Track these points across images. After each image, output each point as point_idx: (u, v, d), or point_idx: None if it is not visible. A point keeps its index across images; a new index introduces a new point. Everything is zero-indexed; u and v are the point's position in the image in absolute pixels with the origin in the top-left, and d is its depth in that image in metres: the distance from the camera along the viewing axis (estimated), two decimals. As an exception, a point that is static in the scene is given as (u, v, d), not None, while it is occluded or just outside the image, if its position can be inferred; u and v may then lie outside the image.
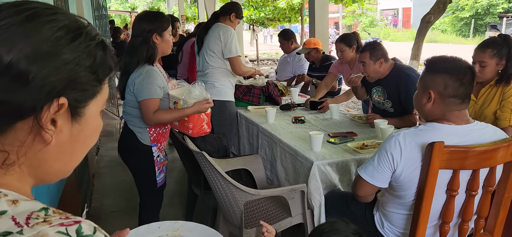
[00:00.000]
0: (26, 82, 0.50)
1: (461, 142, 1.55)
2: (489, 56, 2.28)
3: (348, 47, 3.64)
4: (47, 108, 0.52)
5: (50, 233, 0.47)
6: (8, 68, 0.49)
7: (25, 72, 0.50)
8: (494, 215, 1.75)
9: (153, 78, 2.19)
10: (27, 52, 0.50)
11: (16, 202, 0.51)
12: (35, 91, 0.51)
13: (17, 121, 0.52)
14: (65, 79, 0.53)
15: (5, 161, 0.54)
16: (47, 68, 0.51)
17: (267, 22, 16.02)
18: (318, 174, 2.18)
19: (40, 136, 0.54)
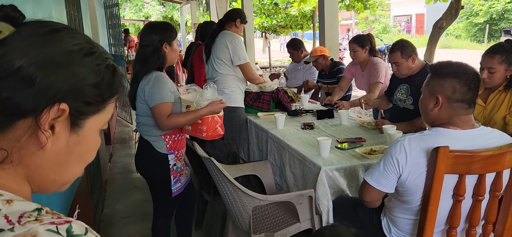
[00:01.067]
0: (32, 84, 0.53)
1: (466, 146, 1.56)
2: (498, 62, 2.27)
3: (360, 47, 3.67)
4: (48, 111, 0.55)
5: (40, 230, 0.49)
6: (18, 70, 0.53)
7: (32, 75, 0.53)
8: (502, 221, 1.73)
9: (163, 82, 2.21)
10: (39, 59, 0.54)
11: (11, 201, 0.52)
12: (38, 93, 0.54)
13: (18, 119, 0.55)
14: (69, 87, 0.56)
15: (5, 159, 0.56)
16: (54, 75, 0.55)
17: (279, 29, 16.07)
18: (326, 179, 2.19)
19: (36, 137, 0.56)
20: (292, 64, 5.00)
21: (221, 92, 3.37)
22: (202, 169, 2.51)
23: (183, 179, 2.43)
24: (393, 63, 2.93)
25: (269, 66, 16.46)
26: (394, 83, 3.17)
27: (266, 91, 3.71)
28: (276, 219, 2.33)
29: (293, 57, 4.83)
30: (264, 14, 15.41)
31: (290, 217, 2.33)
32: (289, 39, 5.19)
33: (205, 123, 2.31)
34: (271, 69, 16.26)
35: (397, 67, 2.91)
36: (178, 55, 2.38)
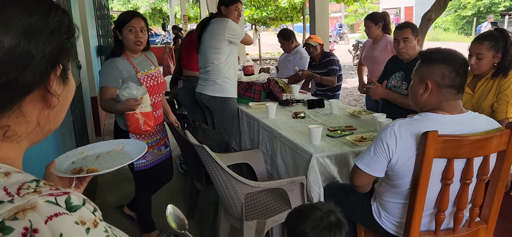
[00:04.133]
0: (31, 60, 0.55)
1: (455, 131, 1.59)
2: (486, 49, 2.32)
3: (374, 23, 3.87)
4: (54, 75, 0.59)
5: (39, 201, 0.49)
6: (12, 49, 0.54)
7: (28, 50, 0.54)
8: (489, 204, 1.78)
9: (109, 69, 2.45)
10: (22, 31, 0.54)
11: (9, 174, 0.53)
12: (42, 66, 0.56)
13: (26, 96, 0.57)
14: (57, 47, 0.59)
15: (5, 133, 0.57)
16: (43, 42, 0.56)
17: (269, 21, 16.06)
18: (317, 166, 2.22)
19: (44, 103, 0.59)
20: (283, 55, 5.01)
21: (213, 82, 3.38)
22: (194, 159, 2.52)
23: (150, 157, 2.63)
24: (402, 39, 2.95)
25: (259, 58, 16.45)
26: (389, 70, 3.18)
27: (258, 82, 3.73)
28: (268, 206, 2.36)
29: (283, 47, 4.84)
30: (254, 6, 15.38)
31: (281, 204, 2.35)
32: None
33: (128, 118, 2.46)
34: (261, 61, 16.26)
35: (405, 43, 2.94)
36: (132, 41, 2.48)
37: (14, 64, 0.53)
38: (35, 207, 0.49)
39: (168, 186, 3.89)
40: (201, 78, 3.54)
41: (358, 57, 13.37)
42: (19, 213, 0.48)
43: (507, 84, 2.32)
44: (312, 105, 3.38)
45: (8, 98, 0.56)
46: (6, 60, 0.53)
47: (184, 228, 1.22)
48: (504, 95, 2.32)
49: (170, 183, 3.99)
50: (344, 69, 11.60)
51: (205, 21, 3.54)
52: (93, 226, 0.52)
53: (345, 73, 11.66)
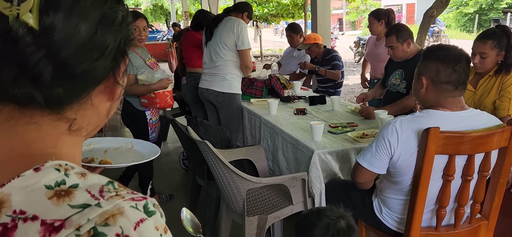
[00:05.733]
0: (105, 49, 0.52)
1: (456, 128, 1.60)
2: (490, 47, 2.31)
3: (377, 20, 3.83)
4: (124, 64, 0.58)
5: (126, 207, 0.48)
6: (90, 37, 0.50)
7: (103, 41, 0.52)
8: (490, 200, 1.79)
9: None
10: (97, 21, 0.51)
11: (85, 175, 0.51)
12: (112, 56, 0.54)
13: (96, 86, 0.54)
14: (124, 37, 0.56)
15: (71, 126, 0.54)
16: (115, 32, 0.54)
17: (271, 18, 16.03)
18: (318, 162, 2.22)
19: (113, 94, 0.57)
20: (288, 49, 4.98)
21: (222, 78, 3.38)
22: (196, 155, 2.53)
23: (157, 131, 3.15)
24: (388, 47, 2.97)
25: (260, 55, 16.44)
26: (388, 69, 3.21)
27: (259, 78, 3.73)
28: (270, 202, 2.37)
29: (291, 40, 4.82)
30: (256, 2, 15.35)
31: (283, 200, 2.36)
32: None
33: (158, 96, 2.93)
34: (263, 58, 16.25)
35: (392, 50, 2.96)
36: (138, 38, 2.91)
37: (90, 53, 0.51)
38: (123, 212, 0.47)
39: (170, 182, 3.92)
40: (206, 74, 3.50)
41: (359, 54, 13.40)
42: (109, 218, 0.46)
43: (509, 81, 2.31)
44: (313, 101, 3.39)
45: (79, 88, 0.52)
46: (83, 48, 0.50)
47: (198, 231, 1.24)
48: (507, 92, 2.31)
49: (172, 179, 4.02)
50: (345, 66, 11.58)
51: (218, 16, 3.52)
52: (164, 232, 0.51)
53: (346, 70, 11.65)
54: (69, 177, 0.49)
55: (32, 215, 0.45)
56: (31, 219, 0.45)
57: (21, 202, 0.46)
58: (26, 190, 0.47)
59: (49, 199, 0.46)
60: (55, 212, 0.45)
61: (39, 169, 0.49)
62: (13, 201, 0.46)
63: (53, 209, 0.46)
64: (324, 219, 1.37)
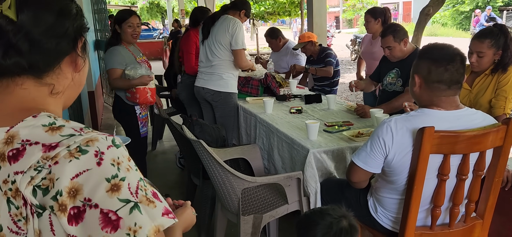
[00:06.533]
0: (65, 32, 0.76)
1: (451, 127, 1.59)
2: (487, 47, 2.30)
3: (373, 18, 3.82)
4: (80, 41, 0.80)
5: (99, 137, 0.70)
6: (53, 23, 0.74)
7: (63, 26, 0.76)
8: (485, 199, 1.79)
9: (115, 54, 3.01)
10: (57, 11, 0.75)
11: (68, 121, 0.73)
12: (71, 37, 0.78)
13: (64, 57, 0.78)
14: (79, 24, 0.80)
15: (52, 91, 0.77)
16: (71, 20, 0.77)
17: (267, 16, 16.02)
18: (314, 161, 2.22)
19: (73, 65, 0.80)
20: (273, 54, 4.98)
21: (219, 77, 3.37)
22: (191, 154, 2.52)
23: (144, 128, 3.26)
24: (385, 48, 2.96)
25: (257, 53, 16.43)
26: (383, 68, 3.20)
27: (255, 77, 3.72)
28: (265, 201, 2.36)
29: (271, 46, 4.82)
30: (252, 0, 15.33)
31: (278, 199, 2.35)
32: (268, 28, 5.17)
33: (138, 92, 3.05)
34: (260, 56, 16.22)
35: (390, 51, 2.94)
36: (130, 35, 3.05)
37: (54, 32, 0.74)
38: (97, 139, 0.69)
39: (166, 180, 3.91)
40: (203, 72, 3.48)
41: (356, 52, 13.41)
42: (89, 142, 0.68)
43: (505, 80, 2.31)
44: (309, 100, 3.38)
45: (51, 58, 0.76)
46: (49, 30, 0.73)
47: None
48: (503, 90, 2.31)
49: (167, 178, 4.01)
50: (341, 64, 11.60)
51: (215, 14, 3.51)
52: (127, 160, 0.72)
53: (342, 68, 11.66)
54: (57, 121, 0.72)
55: (35, 141, 0.68)
56: (35, 143, 0.68)
57: (26, 135, 0.69)
58: (29, 128, 0.70)
59: (46, 132, 0.69)
60: (51, 139, 0.68)
61: (36, 116, 0.72)
62: (20, 134, 0.69)
63: (49, 137, 0.68)
64: (327, 218, 1.37)
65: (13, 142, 0.68)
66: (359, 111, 2.88)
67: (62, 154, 0.66)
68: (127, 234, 0.66)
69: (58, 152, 0.66)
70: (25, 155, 0.67)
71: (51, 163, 0.66)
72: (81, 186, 0.65)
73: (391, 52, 2.95)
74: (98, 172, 0.67)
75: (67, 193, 0.65)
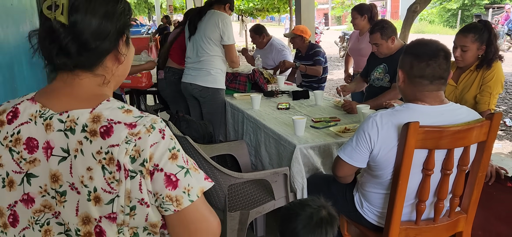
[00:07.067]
0: (108, 34, 0.89)
1: (435, 122, 1.60)
2: (471, 41, 2.32)
3: (359, 15, 3.83)
4: (122, 41, 0.94)
5: (156, 118, 0.89)
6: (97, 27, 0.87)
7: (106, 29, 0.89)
8: (469, 194, 1.80)
9: None
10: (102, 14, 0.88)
11: (127, 104, 0.92)
12: (113, 37, 0.91)
13: (106, 55, 0.92)
14: (122, 24, 0.92)
15: (104, 81, 0.93)
16: (115, 22, 0.90)
17: (256, 12, 15.99)
18: (300, 157, 2.21)
19: (117, 59, 0.94)
20: (257, 50, 4.97)
21: (207, 73, 3.35)
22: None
23: None
24: (373, 44, 2.98)
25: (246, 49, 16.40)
26: (371, 64, 3.22)
27: (243, 73, 3.70)
28: (252, 197, 2.35)
29: (255, 42, 4.82)
30: (241, -4, 15.30)
31: (265, 195, 2.35)
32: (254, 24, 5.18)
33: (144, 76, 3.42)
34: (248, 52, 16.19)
35: (377, 47, 2.97)
36: None
37: (98, 36, 0.87)
38: (157, 120, 0.89)
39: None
40: (190, 68, 3.46)
41: (344, 49, 13.46)
42: (154, 121, 0.88)
43: (490, 76, 2.33)
44: (297, 96, 3.38)
45: (96, 57, 0.90)
46: (94, 33, 0.87)
47: None
48: (487, 86, 2.33)
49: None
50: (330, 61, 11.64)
51: (201, 9, 3.48)
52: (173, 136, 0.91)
53: (331, 64, 11.70)
54: (125, 105, 0.91)
55: (117, 121, 0.86)
56: (118, 122, 0.86)
57: (108, 115, 0.87)
58: (109, 110, 0.88)
59: (123, 113, 0.88)
60: (128, 119, 0.87)
61: (109, 100, 0.91)
62: (104, 115, 0.87)
63: (127, 118, 0.87)
64: (307, 209, 1.40)
65: (100, 121, 0.85)
66: (346, 107, 2.89)
67: (142, 131, 0.85)
68: (183, 191, 0.87)
69: (139, 130, 0.85)
70: (114, 131, 0.84)
71: (136, 138, 0.85)
72: (152, 154, 0.85)
73: (378, 48, 2.98)
74: (163, 144, 0.87)
75: (148, 160, 0.85)
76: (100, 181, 0.84)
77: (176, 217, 0.88)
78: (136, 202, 0.87)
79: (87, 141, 0.84)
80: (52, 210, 0.89)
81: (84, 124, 0.85)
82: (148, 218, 0.89)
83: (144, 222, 0.90)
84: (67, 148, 0.85)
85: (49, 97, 0.90)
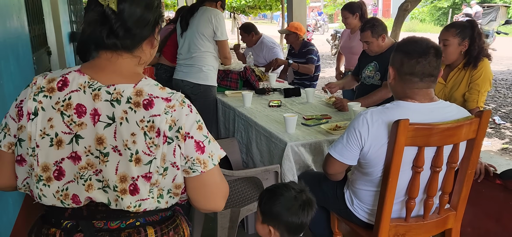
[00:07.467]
0: (148, 22, 1.06)
1: (425, 119, 1.60)
2: (452, 35, 2.35)
3: (351, 14, 3.82)
4: (157, 29, 1.11)
5: (184, 96, 1.07)
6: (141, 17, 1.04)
7: (147, 18, 1.06)
8: (458, 191, 1.81)
9: None
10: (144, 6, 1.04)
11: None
12: (151, 25, 1.08)
13: (145, 40, 1.08)
14: (158, 14, 1.09)
15: (140, 62, 1.09)
16: (152, 13, 1.07)
17: (248, 10, 15.96)
18: (291, 155, 2.21)
19: (152, 44, 1.11)
20: (248, 48, 4.97)
21: (198, 69, 3.33)
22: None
23: None
24: (364, 42, 2.99)
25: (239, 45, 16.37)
26: (362, 62, 3.23)
27: (234, 70, 3.69)
28: (242, 195, 2.34)
29: (245, 40, 4.82)
30: (233, -6, 15.25)
31: (256, 193, 2.34)
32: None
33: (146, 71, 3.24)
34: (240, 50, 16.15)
35: (368, 45, 2.98)
36: None
37: (141, 23, 1.04)
38: (185, 98, 1.07)
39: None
40: (182, 65, 3.44)
41: (336, 47, 13.49)
42: (183, 97, 1.06)
43: (477, 75, 2.35)
44: (288, 94, 3.37)
45: (137, 40, 1.06)
46: (138, 20, 1.03)
47: None
48: (475, 84, 2.35)
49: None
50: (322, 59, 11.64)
51: (193, 5, 3.47)
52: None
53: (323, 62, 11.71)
54: (158, 83, 1.07)
55: (156, 95, 1.02)
56: (157, 97, 1.02)
57: (149, 90, 1.02)
58: (148, 86, 1.03)
59: (159, 89, 1.04)
60: (164, 94, 1.03)
61: (146, 78, 1.07)
62: (145, 90, 1.02)
63: (162, 93, 1.03)
64: (291, 191, 1.49)
65: (142, 95, 1.01)
66: (337, 104, 2.89)
67: (176, 104, 1.02)
68: (209, 156, 1.06)
69: (174, 103, 1.02)
70: (155, 104, 1.00)
71: (172, 110, 1.01)
72: (185, 124, 1.03)
73: (369, 46, 2.99)
74: (192, 116, 1.05)
75: (182, 128, 1.02)
76: (142, 145, 1.00)
77: (199, 179, 1.07)
78: (169, 164, 1.03)
79: (132, 111, 1.00)
80: (94, 168, 1.02)
81: (129, 96, 1.00)
82: (175, 179, 1.06)
83: (171, 183, 1.07)
84: (113, 116, 1.00)
85: (96, 71, 1.04)
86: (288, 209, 1.45)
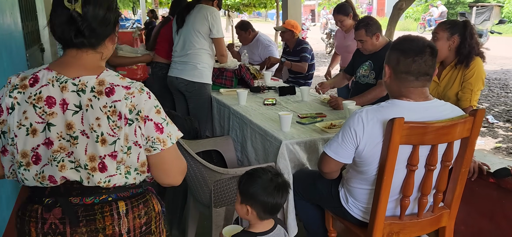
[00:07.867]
0: (110, 22, 1.20)
1: (420, 118, 1.61)
2: (442, 29, 2.37)
3: (345, 16, 3.83)
4: (117, 27, 1.25)
5: (142, 86, 1.20)
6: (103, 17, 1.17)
7: (109, 18, 1.19)
8: (452, 189, 1.82)
9: None
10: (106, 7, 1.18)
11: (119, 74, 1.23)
12: (113, 24, 1.22)
13: (107, 37, 1.22)
14: (117, 14, 1.23)
15: (102, 57, 1.23)
16: (113, 13, 1.21)
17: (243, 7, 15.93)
18: (286, 153, 2.21)
19: (113, 40, 1.25)
20: (243, 46, 4.95)
21: (193, 67, 3.32)
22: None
23: None
24: (358, 40, 3.00)
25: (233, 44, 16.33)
26: (356, 60, 3.23)
27: (229, 68, 3.68)
28: (237, 193, 2.34)
29: (241, 38, 4.81)
30: (228, -8, 15.21)
31: (251, 191, 2.34)
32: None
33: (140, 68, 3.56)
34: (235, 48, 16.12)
35: (362, 44, 2.99)
36: None
37: (104, 23, 1.18)
38: (143, 86, 1.20)
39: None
40: (177, 62, 3.43)
41: (330, 45, 13.52)
42: (142, 86, 1.19)
43: (470, 74, 2.37)
44: (283, 92, 3.37)
45: (101, 38, 1.19)
46: (101, 21, 1.16)
47: None
48: (468, 83, 2.37)
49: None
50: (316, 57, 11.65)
51: (189, 3, 3.45)
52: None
53: (317, 61, 11.72)
54: (118, 74, 1.20)
55: (117, 84, 1.16)
56: (117, 85, 1.16)
57: (110, 80, 1.16)
58: (109, 77, 1.17)
59: (119, 79, 1.18)
60: (124, 83, 1.17)
61: (108, 70, 1.20)
62: (107, 80, 1.16)
63: (123, 82, 1.17)
64: (268, 174, 1.58)
65: (104, 84, 1.15)
66: (332, 103, 2.90)
67: (135, 91, 1.16)
68: (167, 135, 1.21)
69: (133, 90, 1.16)
70: (115, 91, 1.14)
71: (131, 96, 1.15)
72: (143, 108, 1.17)
73: (363, 45, 3.00)
74: (150, 102, 1.19)
75: (142, 111, 1.16)
76: (106, 127, 1.14)
77: (159, 156, 1.21)
78: (131, 143, 1.17)
79: (96, 98, 1.14)
80: (66, 150, 1.16)
81: (93, 86, 1.14)
82: (139, 157, 1.20)
83: (136, 162, 1.21)
84: (80, 104, 1.14)
85: (63, 67, 1.18)
86: (264, 190, 1.54)
